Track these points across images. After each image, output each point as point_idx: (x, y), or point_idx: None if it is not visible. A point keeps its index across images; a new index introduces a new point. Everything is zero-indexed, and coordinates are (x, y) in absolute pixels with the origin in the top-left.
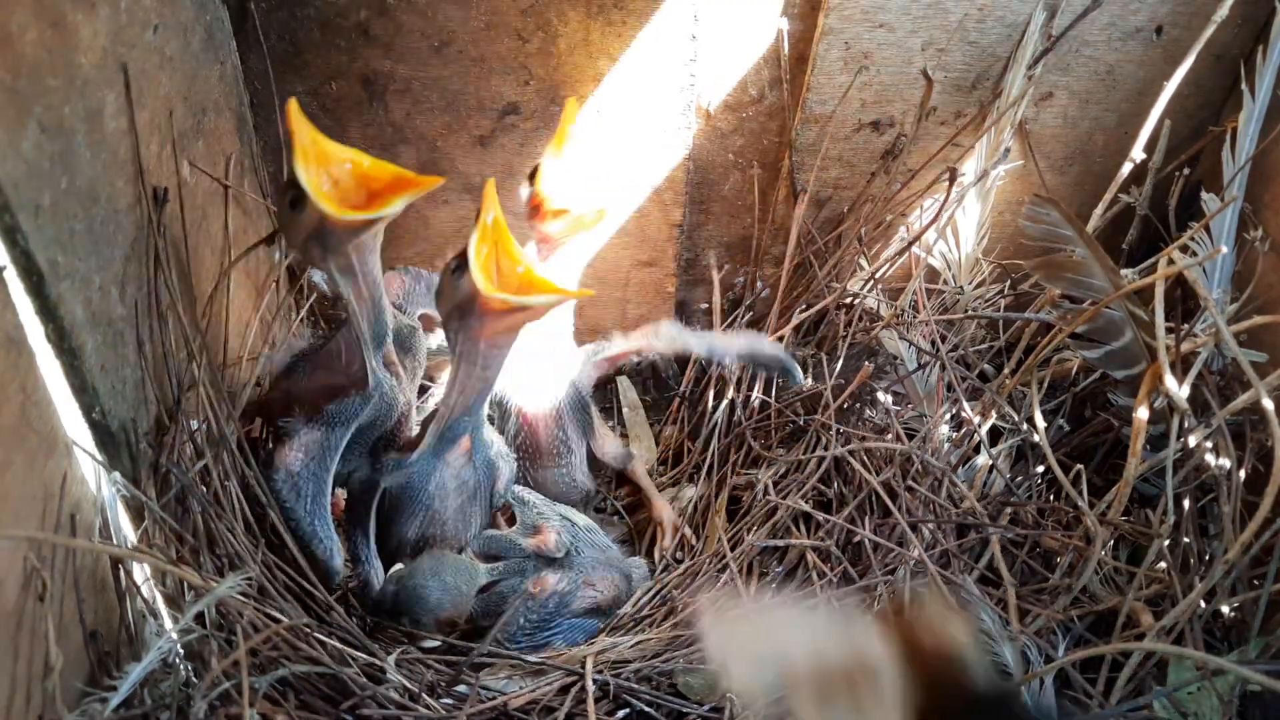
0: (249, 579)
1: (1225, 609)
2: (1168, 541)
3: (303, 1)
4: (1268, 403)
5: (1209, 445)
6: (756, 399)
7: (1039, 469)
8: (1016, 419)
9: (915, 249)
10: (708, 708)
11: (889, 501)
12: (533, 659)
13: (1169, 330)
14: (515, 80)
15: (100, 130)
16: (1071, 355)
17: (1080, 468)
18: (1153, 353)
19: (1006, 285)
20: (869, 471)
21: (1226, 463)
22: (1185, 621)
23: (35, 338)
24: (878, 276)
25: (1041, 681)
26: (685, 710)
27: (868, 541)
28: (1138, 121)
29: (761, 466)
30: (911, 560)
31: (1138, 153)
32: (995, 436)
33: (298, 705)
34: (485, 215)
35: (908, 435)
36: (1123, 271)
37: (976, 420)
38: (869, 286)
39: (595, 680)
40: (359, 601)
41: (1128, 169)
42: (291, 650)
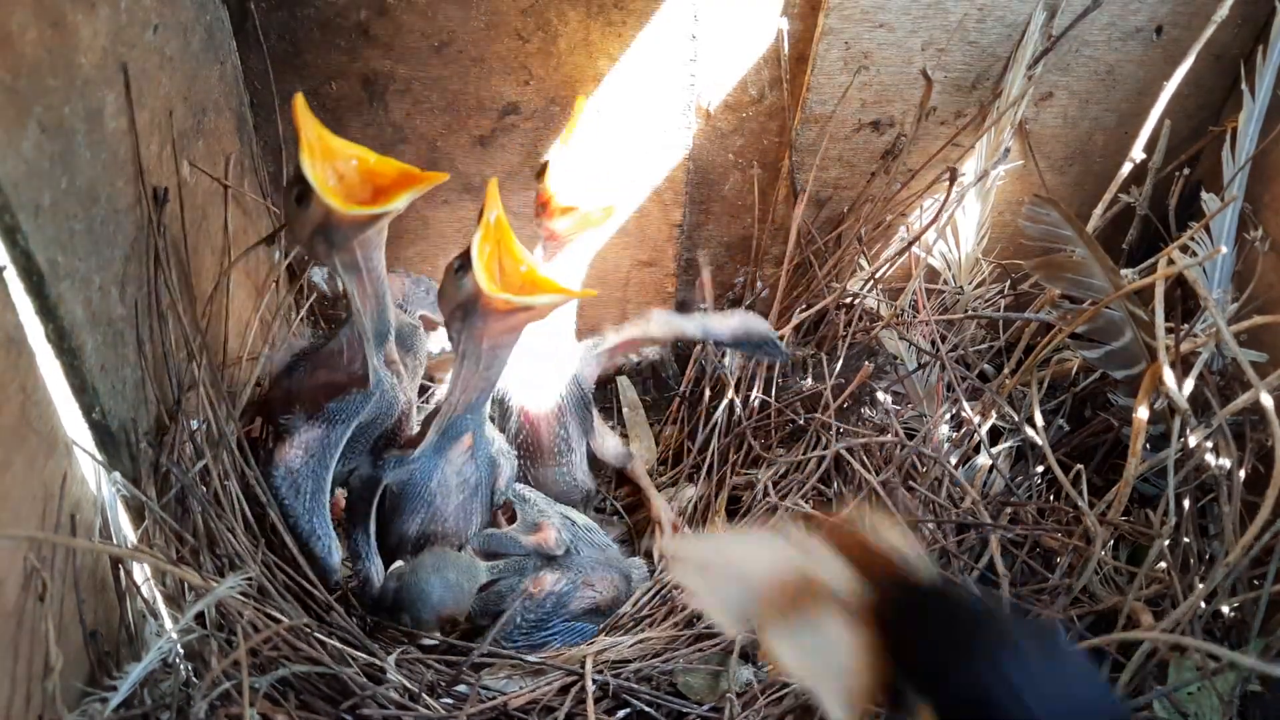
0: (249, 579)
1: (1225, 609)
2: (1168, 541)
3: (303, 1)
4: (1268, 402)
5: (1209, 445)
6: (756, 399)
7: (1039, 469)
8: (1016, 419)
9: (915, 249)
10: (708, 708)
11: (889, 501)
12: (533, 659)
13: (1169, 330)
14: (515, 80)
15: (100, 130)
16: (1071, 355)
17: (1080, 468)
18: (1153, 353)
19: (1006, 285)
20: (869, 471)
21: (1227, 463)
22: (1185, 622)
23: (35, 338)
24: (878, 276)
25: None
26: (685, 710)
27: None
28: (1138, 121)
29: (761, 466)
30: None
31: (1138, 153)
32: (995, 436)
33: (298, 705)
34: (488, 214)
35: (908, 435)
36: (1123, 271)
37: (976, 420)
38: (869, 286)
39: (595, 680)
40: (358, 600)
41: (1128, 169)
42: (291, 650)
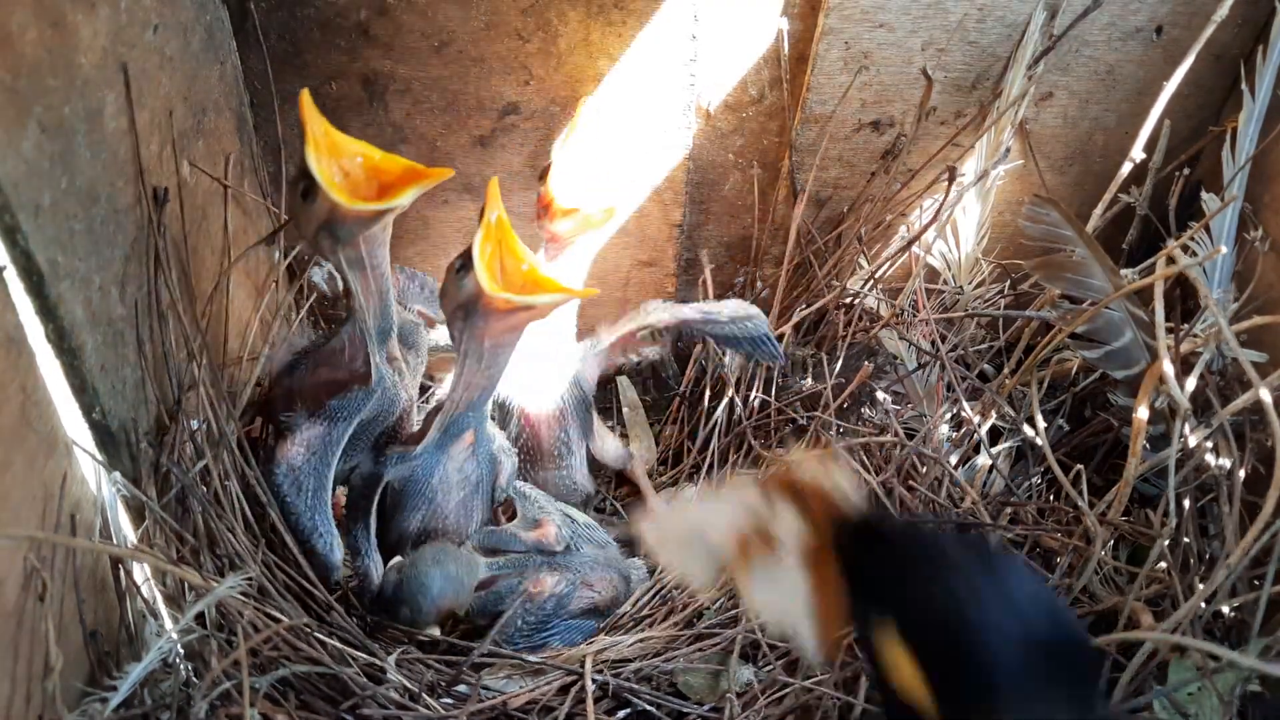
0: (249, 579)
1: (1225, 609)
2: (1168, 542)
3: (303, 1)
4: (1269, 401)
5: (1209, 445)
6: (756, 398)
7: (1039, 469)
8: (1016, 419)
9: (915, 249)
10: (708, 707)
11: (888, 501)
12: (533, 659)
13: (1169, 330)
14: (515, 80)
15: (100, 130)
16: (1071, 355)
17: (1080, 468)
18: (1153, 353)
19: (1006, 285)
20: (868, 471)
21: (1227, 463)
22: (1186, 622)
23: (35, 338)
24: (877, 276)
25: None
26: (685, 710)
27: None
28: (1138, 121)
29: (761, 466)
30: None
31: (1138, 153)
32: (995, 436)
33: (298, 705)
34: (489, 214)
35: (908, 435)
36: (1123, 271)
37: (976, 420)
38: (869, 286)
39: (595, 680)
40: (358, 597)
41: (1128, 169)
42: (292, 650)
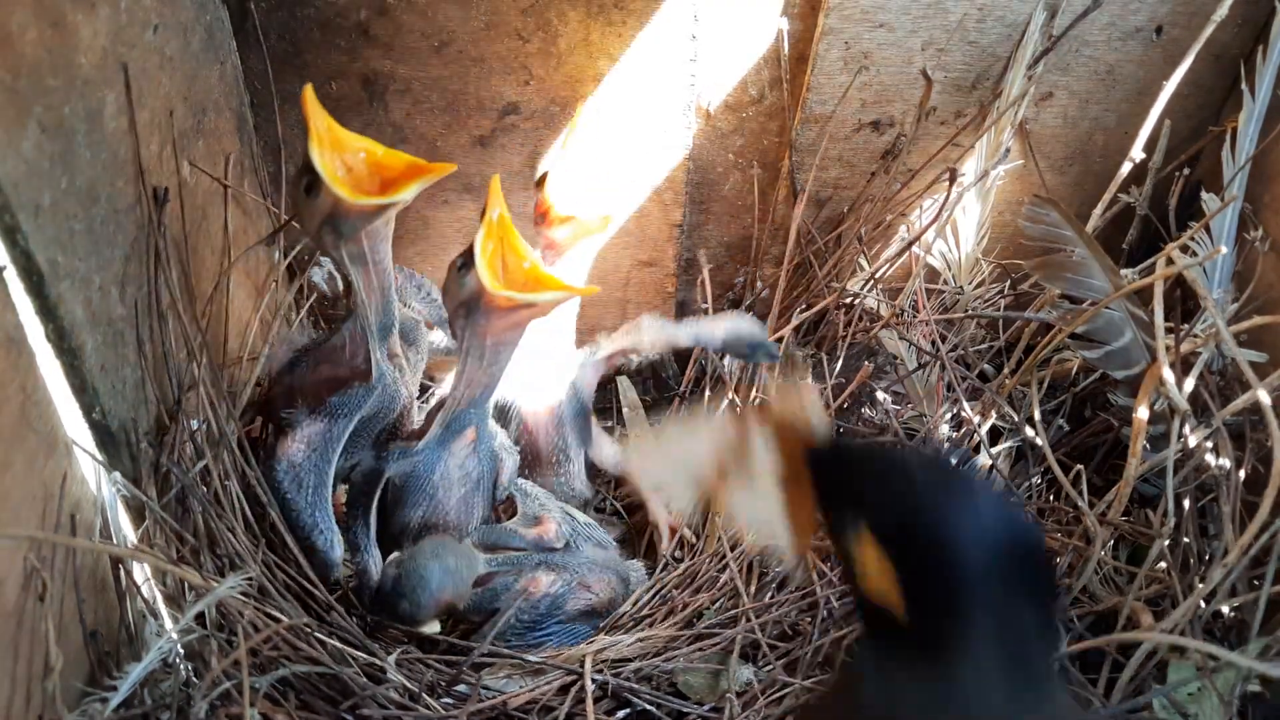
0: (249, 579)
1: (1225, 609)
2: (1168, 542)
3: (303, 1)
4: (1267, 402)
5: (1209, 445)
6: (757, 398)
7: (1039, 469)
8: (1016, 419)
9: (915, 249)
10: (708, 707)
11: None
12: (533, 658)
13: (1169, 330)
14: (515, 80)
15: (100, 130)
16: (1071, 355)
17: (1080, 468)
18: (1153, 353)
19: (1006, 285)
20: None
21: (1226, 463)
22: (1185, 622)
23: (35, 338)
24: (877, 276)
25: None
26: (685, 710)
27: None
28: (1138, 121)
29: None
30: None
31: (1138, 153)
32: (995, 436)
33: (298, 705)
34: (491, 212)
35: (908, 435)
36: (1123, 271)
37: (976, 420)
38: (869, 286)
39: (595, 680)
40: (357, 595)
41: (1128, 169)
42: (292, 650)
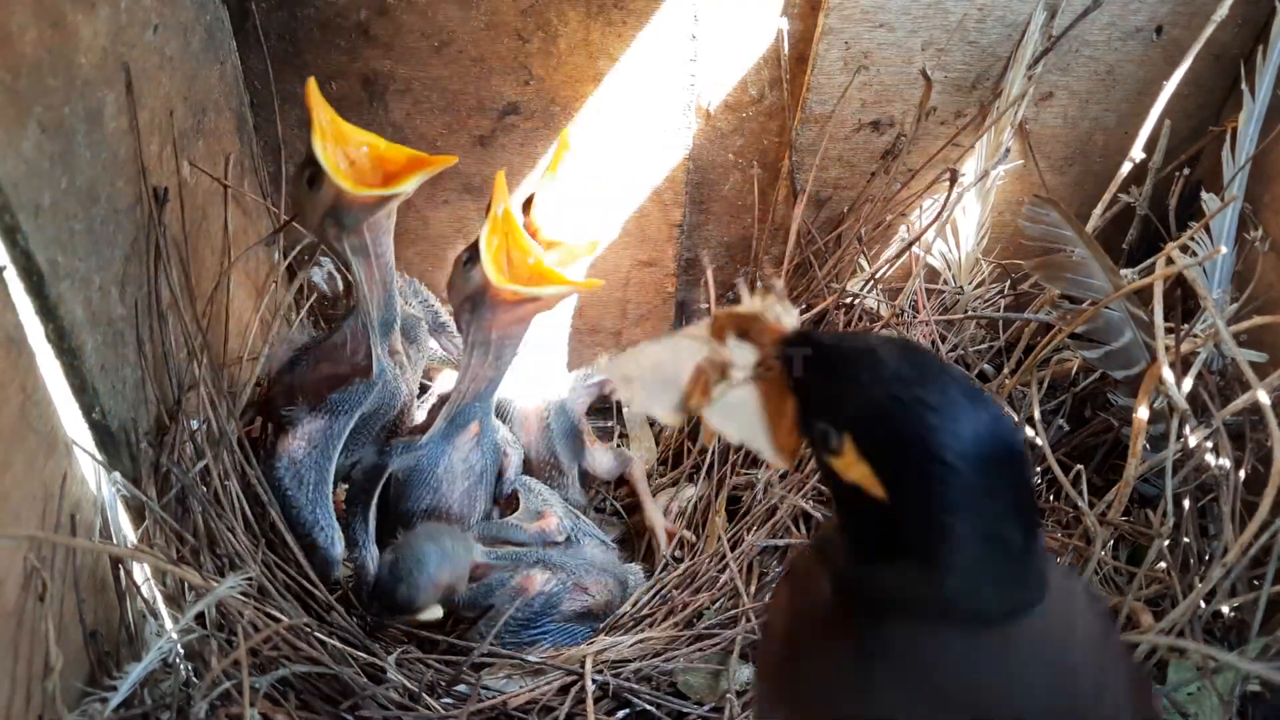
0: (249, 579)
1: (1225, 609)
2: (1168, 542)
3: (303, 1)
4: (1266, 402)
5: (1209, 445)
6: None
7: (1039, 469)
8: (1016, 419)
9: (915, 249)
10: (708, 707)
11: None
12: (533, 658)
13: (1169, 330)
14: (515, 80)
15: (100, 130)
16: (1071, 355)
17: (1080, 468)
18: (1153, 353)
19: (1006, 285)
20: None
21: (1226, 463)
22: (1185, 622)
23: (35, 338)
24: (877, 276)
25: None
26: (685, 710)
27: None
28: (1138, 121)
29: (761, 466)
30: None
31: (1138, 153)
32: None
33: (298, 705)
34: (496, 207)
35: None
36: (1123, 271)
37: None
38: (869, 286)
39: (595, 680)
40: (355, 592)
41: (1128, 169)
42: (292, 650)
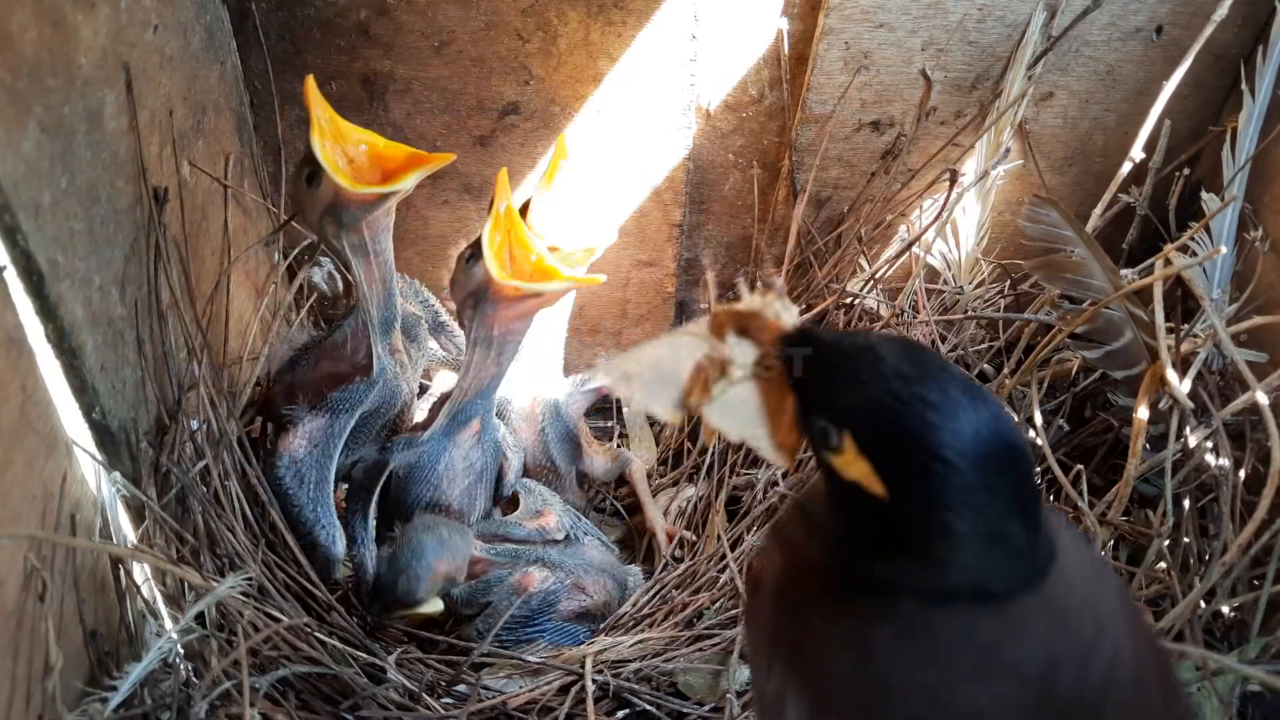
0: (249, 579)
1: (1225, 609)
2: (1167, 542)
3: (303, 1)
4: (1265, 403)
5: (1209, 445)
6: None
7: (1039, 469)
8: (1016, 419)
9: (915, 249)
10: (708, 708)
11: None
12: (533, 659)
13: (1169, 330)
14: (515, 80)
15: (100, 130)
16: (1071, 355)
17: (1080, 468)
18: (1153, 353)
19: (1006, 285)
20: None
21: (1226, 463)
22: (1185, 622)
23: (35, 338)
24: (877, 276)
25: None
26: (685, 710)
27: None
28: (1138, 121)
29: (761, 466)
30: None
31: (1138, 153)
32: None
33: (298, 705)
34: (498, 204)
35: None
36: (1123, 271)
37: None
38: (869, 287)
39: (595, 680)
40: (354, 591)
41: (1128, 169)
42: (292, 650)
